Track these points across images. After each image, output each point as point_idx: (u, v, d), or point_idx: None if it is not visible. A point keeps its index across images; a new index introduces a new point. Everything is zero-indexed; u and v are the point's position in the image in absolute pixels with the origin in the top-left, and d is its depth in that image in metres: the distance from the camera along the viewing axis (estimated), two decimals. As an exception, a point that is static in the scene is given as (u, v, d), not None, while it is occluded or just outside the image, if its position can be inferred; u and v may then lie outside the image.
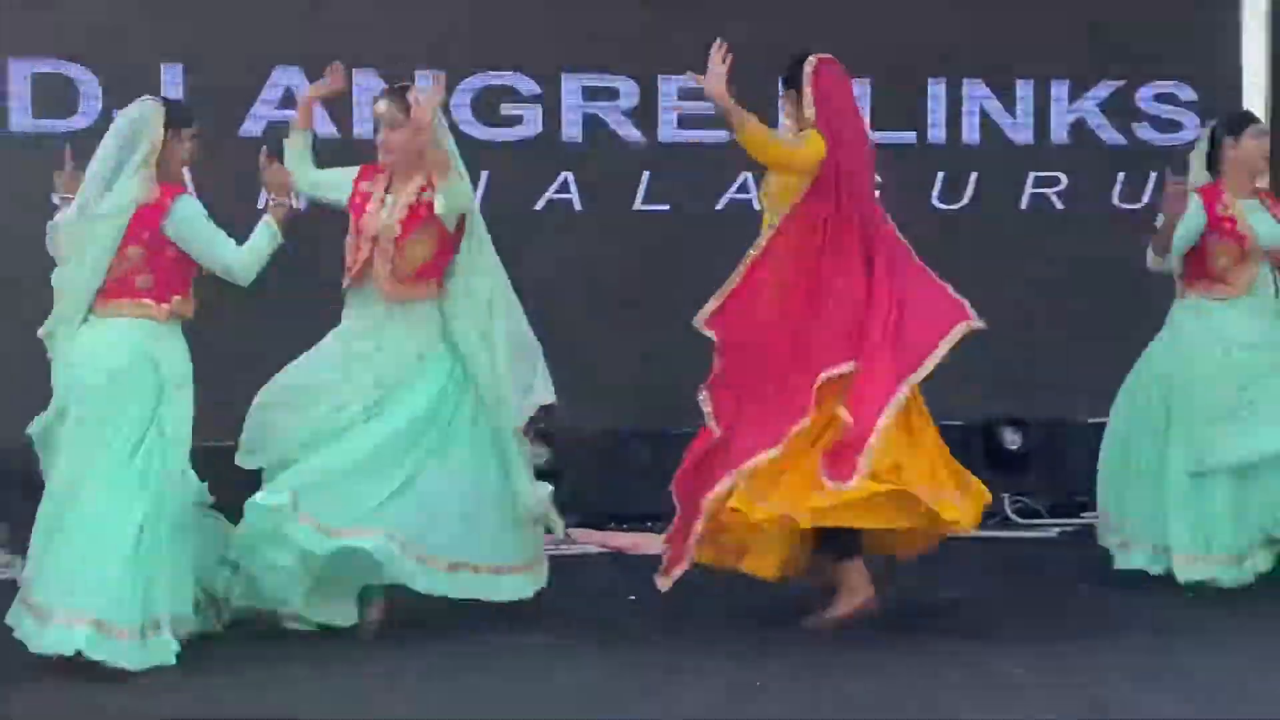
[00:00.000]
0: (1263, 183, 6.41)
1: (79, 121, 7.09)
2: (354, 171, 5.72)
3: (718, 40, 5.50)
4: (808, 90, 5.69)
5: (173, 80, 7.13)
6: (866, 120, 6.53)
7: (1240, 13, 8.18)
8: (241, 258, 5.27)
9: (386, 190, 5.60)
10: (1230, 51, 8.16)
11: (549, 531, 6.06)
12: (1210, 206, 6.25)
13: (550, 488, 5.66)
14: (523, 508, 5.57)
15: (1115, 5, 7.96)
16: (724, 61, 5.46)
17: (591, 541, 7.19)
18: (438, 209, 5.49)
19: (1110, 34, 7.97)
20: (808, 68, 5.70)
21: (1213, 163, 6.37)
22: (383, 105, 5.62)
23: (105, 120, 6.67)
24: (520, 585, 5.64)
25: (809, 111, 5.67)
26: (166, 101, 5.42)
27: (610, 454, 7.49)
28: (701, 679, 5.06)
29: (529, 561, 5.67)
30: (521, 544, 5.66)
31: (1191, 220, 6.20)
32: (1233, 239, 6.23)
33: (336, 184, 5.71)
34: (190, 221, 5.19)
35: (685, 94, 7.47)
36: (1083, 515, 7.52)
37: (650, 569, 5.95)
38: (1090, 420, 7.10)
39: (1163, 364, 6.33)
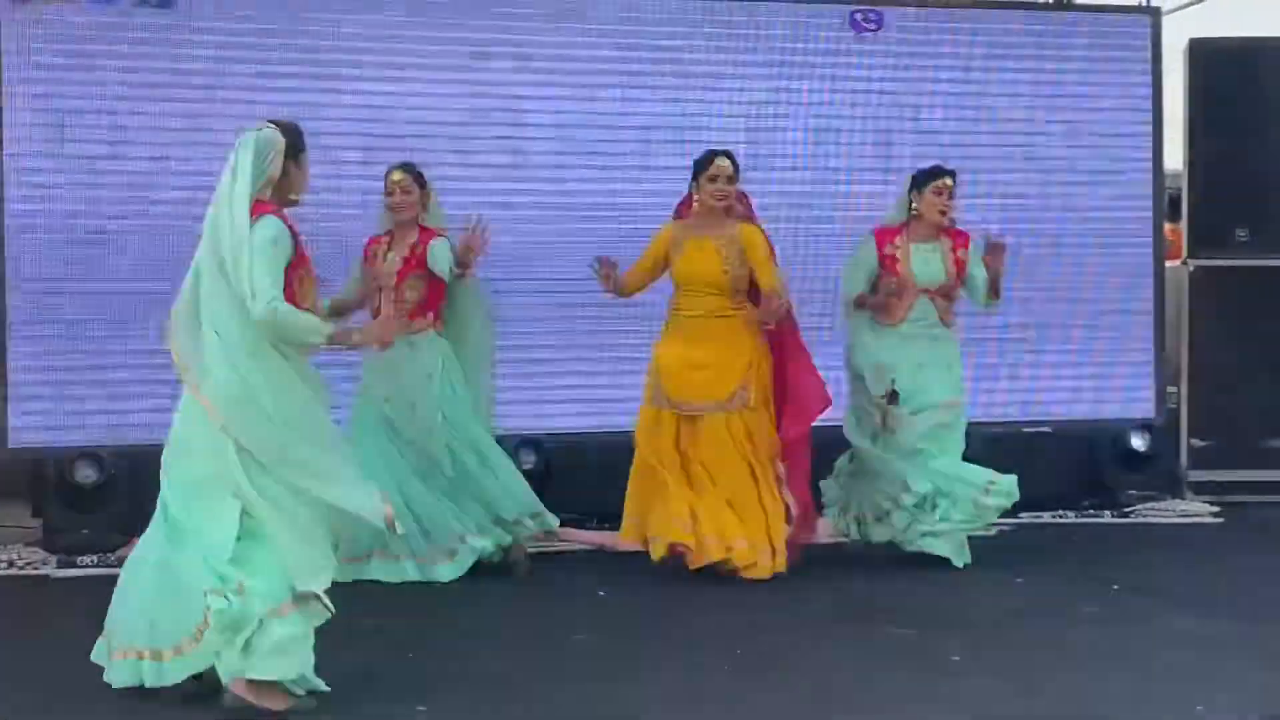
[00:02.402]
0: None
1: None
2: None
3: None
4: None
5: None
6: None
7: (1160, 61, 8.23)
8: None
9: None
10: (1150, 96, 8.19)
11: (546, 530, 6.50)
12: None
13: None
14: None
15: (1047, 56, 8.12)
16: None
17: (575, 539, 7.21)
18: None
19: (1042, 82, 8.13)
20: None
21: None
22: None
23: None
24: None
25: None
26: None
27: (593, 460, 7.47)
28: (659, 667, 5.06)
29: None
30: None
31: None
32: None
33: None
34: None
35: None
36: (1020, 515, 7.66)
37: (624, 565, 6.08)
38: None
39: None
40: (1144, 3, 8.39)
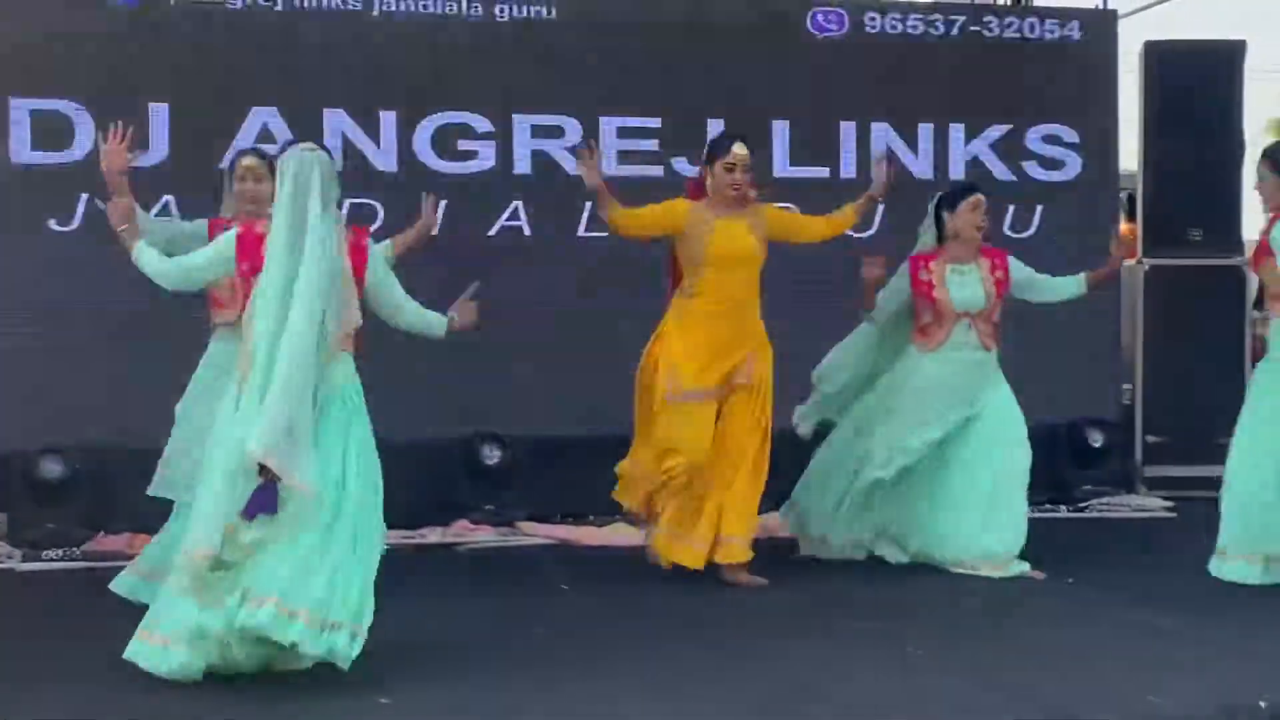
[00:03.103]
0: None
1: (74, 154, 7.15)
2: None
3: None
4: None
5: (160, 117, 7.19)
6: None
7: (1116, 63, 8.35)
8: None
9: None
10: (1107, 97, 8.30)
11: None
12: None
13: None
14: None
15: (1006, 58, 8.16)
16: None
17: (537, 533, 7.22)
18: None
19: (1001, 83, 8.15)
20: None
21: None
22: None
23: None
24: None
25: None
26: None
27: (557, 455, 7.47)
28: (622, 659, 5.03)
29: None
30: None
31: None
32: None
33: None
34: None
35: (623, 132, 7.65)
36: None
37: (587, 560, 6.06)
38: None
39: None
40: (1100, 5, 8.44)
